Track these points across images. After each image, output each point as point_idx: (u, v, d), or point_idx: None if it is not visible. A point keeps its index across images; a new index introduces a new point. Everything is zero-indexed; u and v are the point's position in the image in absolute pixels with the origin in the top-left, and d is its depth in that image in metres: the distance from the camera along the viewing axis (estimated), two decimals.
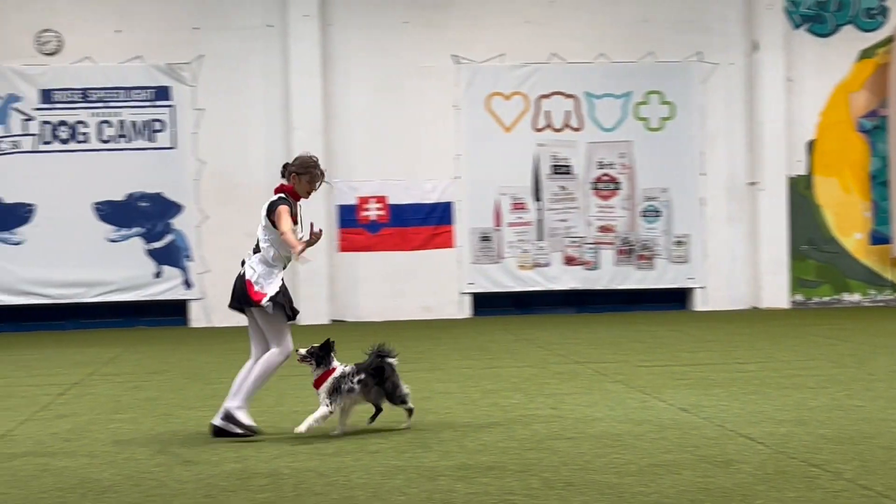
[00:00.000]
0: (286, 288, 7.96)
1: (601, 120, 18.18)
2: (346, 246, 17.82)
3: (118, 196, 17.35)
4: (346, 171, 17.77)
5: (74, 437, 8.01)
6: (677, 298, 18.64)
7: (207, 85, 17.48)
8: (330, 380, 7.82)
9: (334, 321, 17.57)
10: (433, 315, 17.88)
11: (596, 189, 18.20)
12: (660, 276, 18.34)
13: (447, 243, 18.00)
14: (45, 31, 17.31)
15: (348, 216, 17.82)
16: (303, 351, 7.90)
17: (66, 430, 8.32)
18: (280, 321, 7.90)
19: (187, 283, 17.49)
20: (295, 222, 7.98)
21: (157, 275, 17.30)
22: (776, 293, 18.29)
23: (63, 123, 17.26)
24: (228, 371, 11.73)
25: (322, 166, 8.16)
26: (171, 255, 17.46)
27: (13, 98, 17.18)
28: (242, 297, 7.84)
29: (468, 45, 18.00)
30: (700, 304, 18.38)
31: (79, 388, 10.63)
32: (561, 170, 18.16)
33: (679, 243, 18.29)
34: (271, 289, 7.82)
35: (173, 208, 17.42)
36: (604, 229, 18.21)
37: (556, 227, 18.15)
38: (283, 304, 7.85)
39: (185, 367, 12.23)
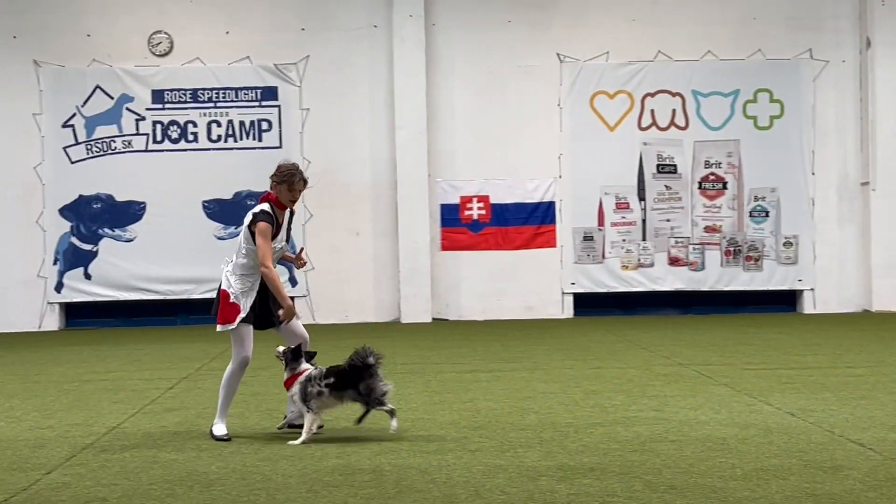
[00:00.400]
0: (260, 299, 7.89)
1: (708, 118, 17.92)
2: (448, 245, 17.89)
3: (226, 194, 17.67)
4: (449, 170, 17.84)
5: (183, 431, 8.19)
6: (786, 301, 18.28)
7: (313, 85, 17.72)
8: (296, 384, 7.75)
9: (436, 320, 17.65)
10: (535, 315, 17.85)
11: (702, 189, 17.96)
12: (768, 278, 18.01)
13: (549, 243, 17.93)
14: (157, 32, 17.72)
15: (450, 215, 17.87)
16: (280, 349, 7.94)
17: (175, 424, 8.52)
18: (240, 333, 7.87)
19: (292, 281, 17.74)
20: (277, 232, 7.86)
21: None
22: (888, 296, 17.82)
23: (174, 123, 17.65)
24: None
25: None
26: None
27: (126, 98, 17.62)
28: (215, 310, 7.89)
29: (572, 43, 17.92)
30: (809, 306, 18.00)
31: (187, 383, 10.86)
32: (666, 169, 17.95)
33: (788, 244, 17.93)
34: (245, 305, 7.81)
35: None
36: (710, 229, 17.95)
37: (660, 227, 17.96)
38: (252, 315, 7.85)
39: None
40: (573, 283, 17.94)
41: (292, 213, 8.15)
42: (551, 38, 17.91)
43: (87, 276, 17.61)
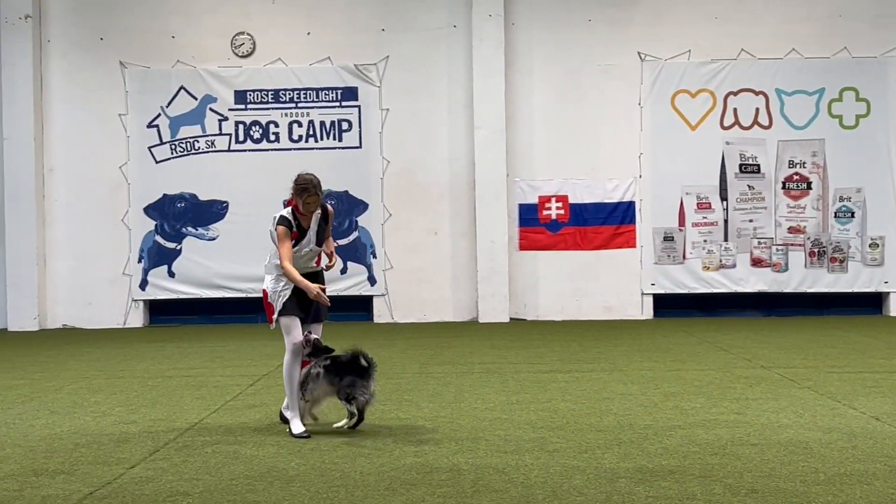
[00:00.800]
0: (295, 296, 8.19)
1: (792, 117, 17.64)
2: (526, 245, 17.85)
3: None
4: (528, 170, 17.80)
5: (263, 427, 8.29)
6: (871, 303, 17.91)
7: (393, 85, 17.81)
8: (303, 371, 8.05)
9: (513, 319, 17.63)
10: (613, 315, 17.74)
11: (786, 189, 17.68)
12: (853, 280, 17.66)
13: (629, 243, 17.80)
14: (240, 34, 17.96)
15: (529, 215, 17.83)
16: (312, 337, 8.14)
17: (255, 420, 8.63)
18: (284, 325, 8.18)
19: (371, 280, 17.86)
20: (302, 236, 8.20)
21: (343, 271, 17.71)
22: None
23: (256, 123, 17.87)
24: (409, 365, 11.98)
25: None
26: (356, 252, 17.85)
27: (209, 99, 17.88)
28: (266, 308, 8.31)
29: (653, 41, 17.76)
30: (895, 308, 17.62)
31: (267, 380, 10.99)
32: (749, 168, 17.71)
33: (874, 245, 17.57)
34: (280, 303, 8.17)
35: (359, 206, 17.81)
36: (794, 230, 17.67)
37: (743, 227, 17.72)
38: (291, 309, 8.16)
39: None
40: (653, 284, 17.78)
41: (327, 215, 8.37)
42: (632, 36, 17.77)
43: (171, 274, 17.91)
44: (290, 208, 8.21)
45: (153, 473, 6.74)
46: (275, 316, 8.18)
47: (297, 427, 7.97)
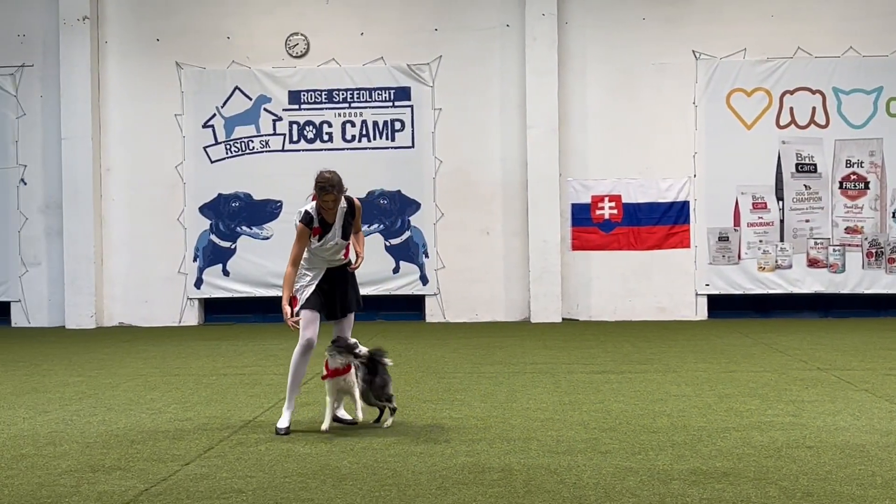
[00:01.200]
0: (320, 290, 8.30)
1: (849, 116, 17.40)
2: (579, 245, 17.78)
3: (360, 193, 17.83)
4: (580, 169, 17.73)
5: (316, 425, 8.33)
6: None
7: (445, 85, 17.82)
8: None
9: (566, 320, 17.57)
10: (667, 316, 17.62)
11: (843, 188, 17.45)
12: None
13: (683, 243, 17.67)
14: (294, 34, 18.07)
15: (581, 215, 17.76)
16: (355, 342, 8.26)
17: (308, 418, 8.68)
18: (304, 317, 8.24)
19: (423, 279, 17.89)
20: (326, 230, 8.26)
21: (396, 270, 17.77)
22: None
23: (309, 123, 17.97)
24: (461, 365, 11.98)
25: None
26: (408, 252, 17.89)
27: (264, 99, 18.01)
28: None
29: (708, 40, 17.61)
30: None
31: (320, 378, 11.03)
32: (806, 168, 17.50)
33: None
34: (303, 297, 8.30)
35: (412, 206, 17.85)
36: (851, 230, 17.44)
37: (799, 227, 17.51)
38: (314, 300, 8.26)
39: (420, 361, 12.52)
40: (707, 285, 17.63)
41: (353, 209, 8.38)
42: (687, 34, 17.64)
43: (226, 273, 18.07)
44: (314, 202, 8.26)
45: (207, 470, 6.80)
46: (297, 308, 8.26)
47: (283, 422, 8.15)
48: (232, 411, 9.06)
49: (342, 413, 8.45)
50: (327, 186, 8.12)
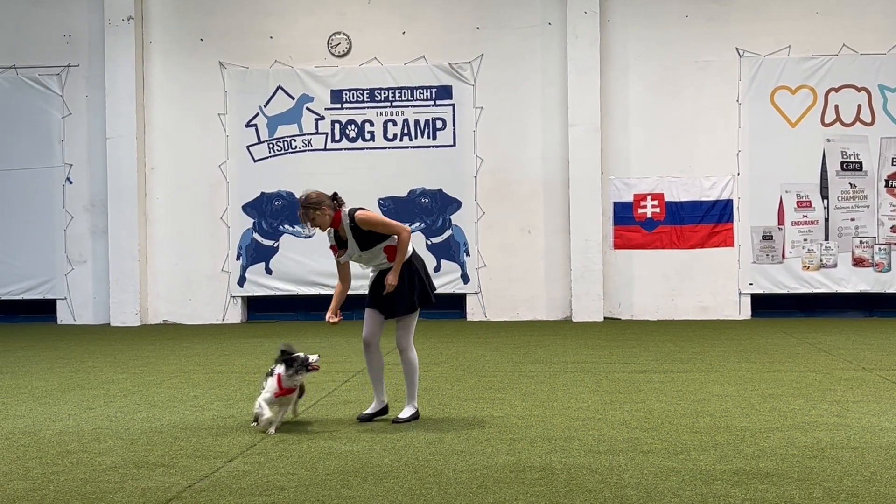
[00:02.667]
0: (375, 285, 8.57)
1: None
2: (621, 243, 17.71)
3: (401, 192, 17.94)
4: (623, 168, 17.66)
5: (357, 423, 8.36)
6: None
7: (487, 83, 17.82)
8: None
9: (607, 319, 17.50)
10: (710, 315, 17.51)
11: (889, 187, 17.25)
12: None
13: (726, 242, 17.55)
14: (336, 34, 18.14)
15: (623, 213, 17.69)
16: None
17: (350, 416, 8.70)
18: (365, 312, 8.57)
19: (465, 278, 17.89)
20: (342, 246, 8.57)
21: (437, 268, 17.78)
22: None
23: (351, 122, 18.03)
24: (502, 364, 11.97)
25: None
26: (450, 250, 17.91)
27: (306, 98, 18.09)
28: None
29: (752, 37, 17.47)
30: None
31: (362, 376, 11.06)
32: (851, 166, 17.32)
33: None
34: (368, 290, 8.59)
35: (453, 204, 17.86)
36: None
37: (844, 226, 17.33)
38: (370, 298, 8.54)
39: (461, 359, 12.52)
40: (751, 284, 17.50)
41: (354, 222, 8.45)
42: (730, 32, 17.51)
43: (268, 271, 18.18)
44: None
45: (250, 467, 6.84)
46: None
47: (367, 410, 8.51)
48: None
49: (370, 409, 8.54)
50: (299, 210, 8.44)
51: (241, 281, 18.24)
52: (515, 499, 5.93)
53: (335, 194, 8.62)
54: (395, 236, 8.39)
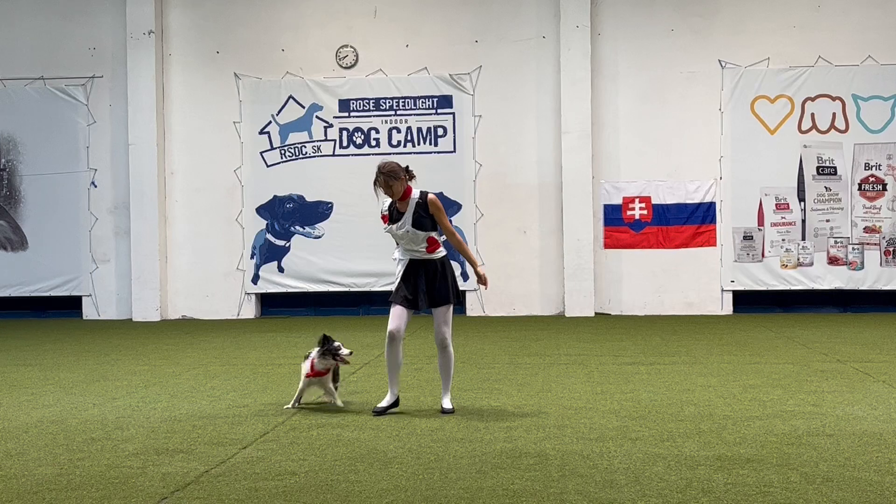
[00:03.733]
0: (405, 278, 8.23)
1: (868, 122, 17.20)
2: (611, 243, 17.71)
3: None
4: (612, 172, 17.66)
5: (364, 412, 8.35)
6: None
7: (485, 93, 17.81)
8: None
9: (598, 314, 17.50)
10: (694, 311, 17.51)
11: (862, 190, 17.25)
12: None
13: (709, 242, 17.54)
14: (344, 47, 18.13)
15: (613, 215, 17.69)
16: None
17: (357, 406, 8.70)
18: (393, 308, 8.19)
19: (464, 276, 17.87)
20: (395, 220, 8.23)
21: None
22: None
23: (358, 130, 18.03)
24: (500, 356, 11.98)
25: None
26: (450, 250, 17.82)
27: (316, 107, 18.09)
28: None
29: (733, 50, 17.47)
30: None
31: (368, 369, 11.08)
32: (826, 171, 17.31)
33: None
34: (395, 287, 8.25)
35: (454, 206, 17.85)
36: (869, 230, 17.23)
37: (820, 227, 17.33)
38: (396, 295, 8.18)
39: (461, 352, 12.50)
40: (732, 281, 17.50)
41: (424, 201, 8.23)
42: (713, 45, 17.51)
43: (281, 270, 18.18)
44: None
45: (264, 453, 6.85)
46: (393, 290, 8.24)
47: (381, 403, 8.36)
48: (286, 398, 9.10)
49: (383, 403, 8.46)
50: (378, 176, 8.16)
51: (255, 279, 18.24)
52: (512, 483, 5.94)
53: (408, 167, 8.36)
54: (436, 234, 8.35)
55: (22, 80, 18.54)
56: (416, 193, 8.25)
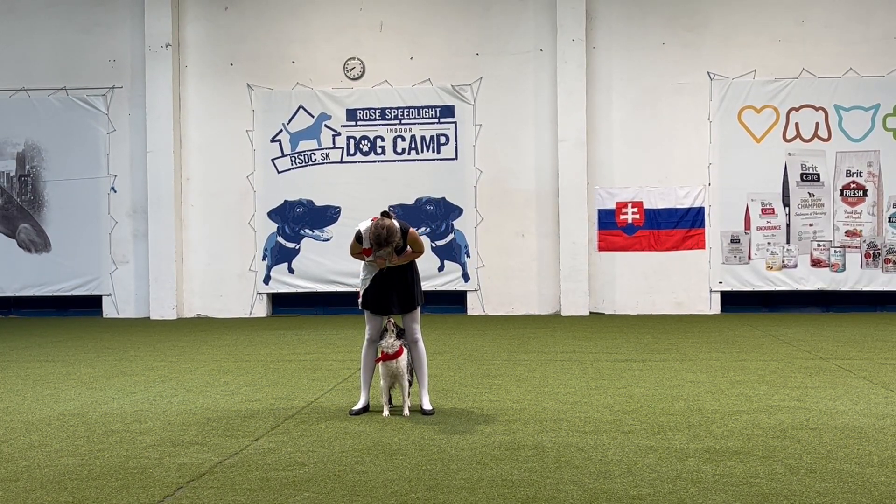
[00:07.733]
0: (374, 286, 8.06)
1: (849, 131, 17.19)
2: (605, 246, 17.70)
3: (409, 200, 17.93)
4: (606, 178, 17.66)
5: (370, 406, 8.35)
6: None
7: (486, 103, 17.81)
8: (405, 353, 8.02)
9: (593, 313, 17.49)
10: (684, 310, 17.50)
11: (844, 196, 17.24)
12: None
13: (699, 245, 17.53)
14: (351, 59, 18.13)
15: (607, 219, 17.68)
16: (392, 322, 8.05)
17: (350, 403, 8.68)
18: (367, 314, 8.15)
19: (465, 277, 17.88)
20: (369, 253, 7.98)
21: (440, 268, 17.78)
22: None
23: (364, 138, 18.03)
24: (499, 353, 11.97)
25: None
26: (452, 252, 17.90)
27: (324, 116, 18.10)
28: None
29: (721, 62, 17.47)
30: None
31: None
32: (809, 177, 17.30)
33: None
34: (362, 290, 8.16)
35: (455, 211, 17.85)
36: (850, 234, 17.22)
37: (803, 231, 17.32)
38: (368, 302, 8.09)
39: (462, 350, 12.52)
40: (720, 282, 17.49)
41: (404, 236, 7.96)
42: (702, 57, 17.51)
43: (291, 271, 18.17)
44: (372, 222, 7.83)
45: (274, 445, 6.85)
46: (361, 297, 8.16)
47: (356, 405, 8.17)
48: (296, 393, 9.11)
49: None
50: (382, 241, 7.68)
51: (267, 279, 18.24)
52: (510, 474, 5.94)
53: (387, 212, 8.01)
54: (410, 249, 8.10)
55: (45, 90, 18.56)
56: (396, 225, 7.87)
